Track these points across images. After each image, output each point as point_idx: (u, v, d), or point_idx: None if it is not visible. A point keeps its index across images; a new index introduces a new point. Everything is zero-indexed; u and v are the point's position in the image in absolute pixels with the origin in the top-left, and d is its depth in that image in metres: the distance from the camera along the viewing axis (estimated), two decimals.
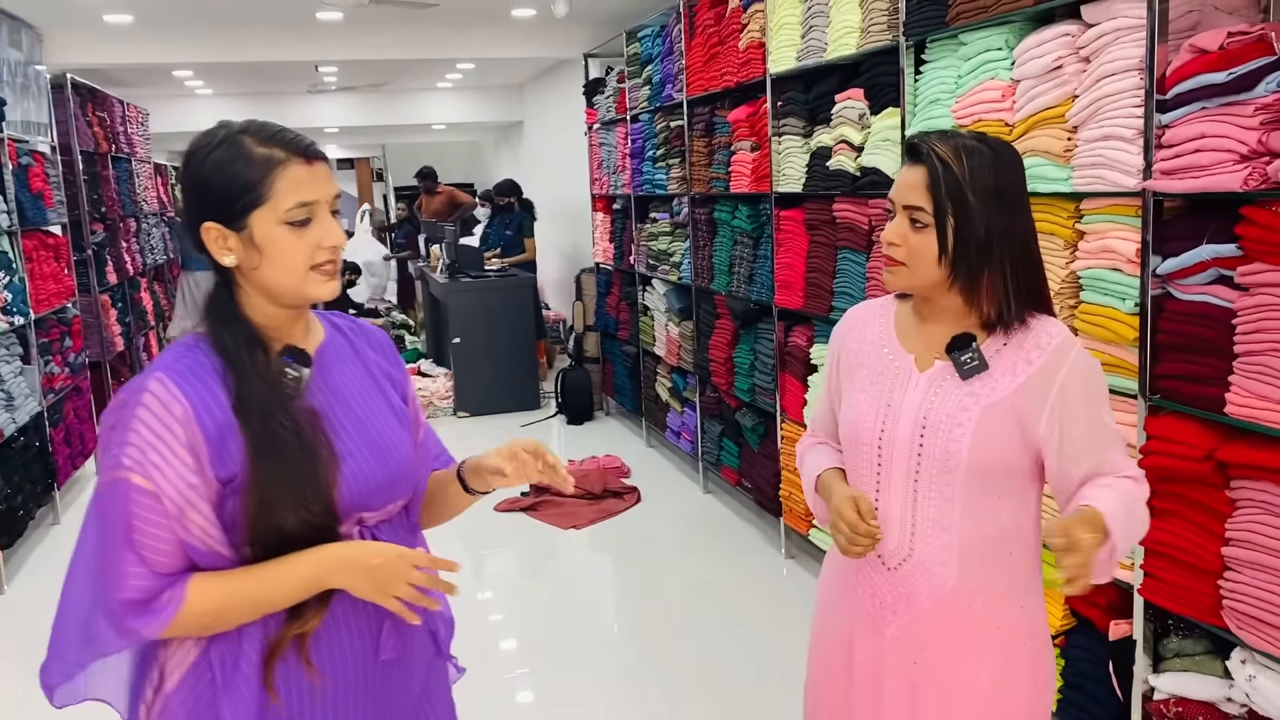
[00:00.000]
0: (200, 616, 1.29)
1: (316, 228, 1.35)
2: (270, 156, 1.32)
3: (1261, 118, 2.12)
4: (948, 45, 3.16)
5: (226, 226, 1.33)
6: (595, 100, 7.27)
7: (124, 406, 1.28)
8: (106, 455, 1.28)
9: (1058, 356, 1.58)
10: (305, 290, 1.36)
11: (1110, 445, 1.62)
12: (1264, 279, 2.13)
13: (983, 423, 1.58)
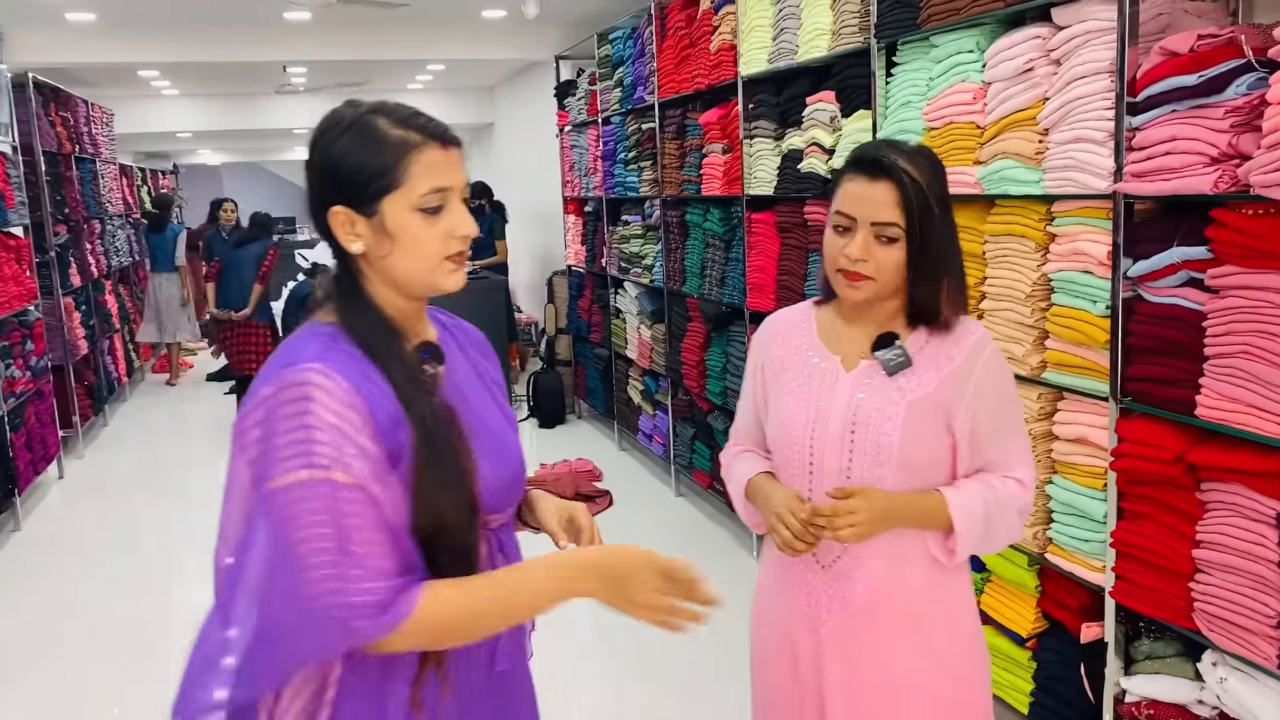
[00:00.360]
0: (435, 628, 1.21)
1: (449, 216, 1.28)
2: (406, 139, 1.26)
3: (1231, 120, 2.12)
4: (919, 47, 3.16)
5: (356, 211, 1.26)
6: (566, 102, 7.24)
7: (285, 401, 1.17)
8: (278, 455, 1.16)
9: (976, 352, 1.68)
10: (436, 281, 1.30)
11: (1010, 442, 1.71)
12: (1234, 281, 2.14)
13: (910, 417, 1.64)
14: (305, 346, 1.24)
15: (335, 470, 1.15)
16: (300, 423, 1.16)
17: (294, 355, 1.22)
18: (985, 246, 2.89)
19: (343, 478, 1.15)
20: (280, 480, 1.16)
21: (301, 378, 1.18)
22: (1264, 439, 2.08)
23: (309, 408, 1.17)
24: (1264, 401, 2.08)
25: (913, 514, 1.65)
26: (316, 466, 1.15)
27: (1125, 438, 2.42)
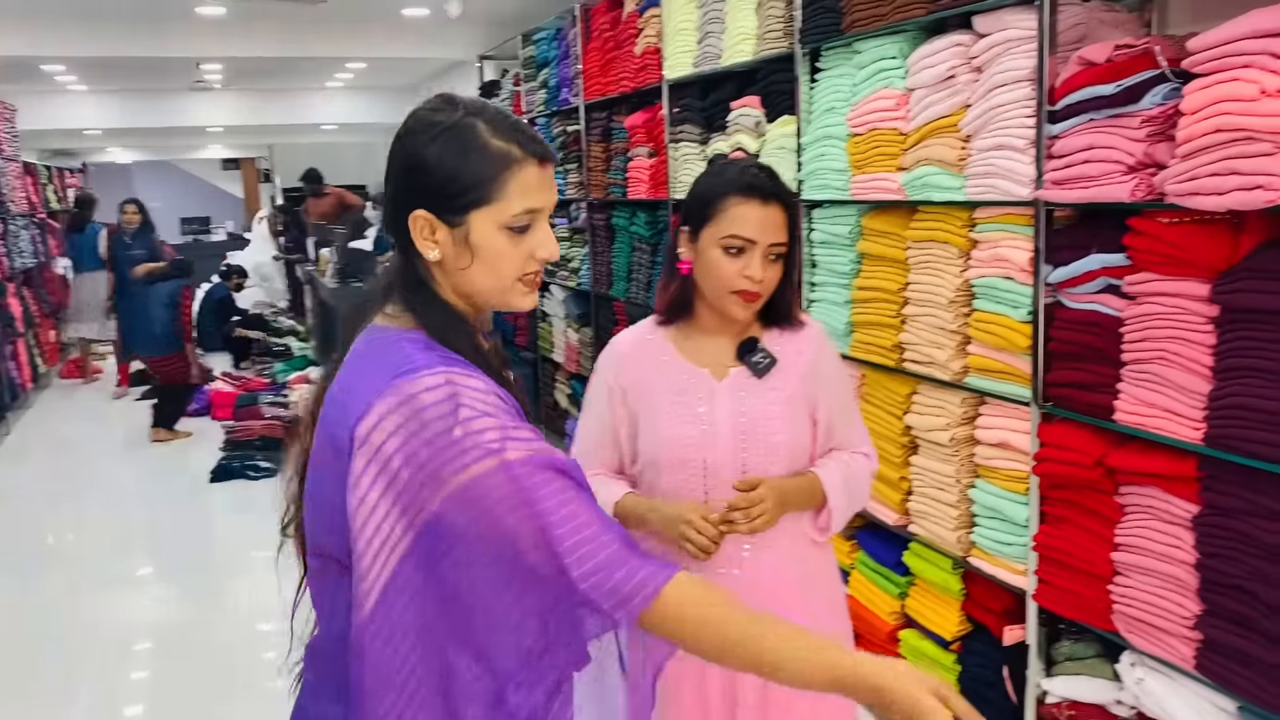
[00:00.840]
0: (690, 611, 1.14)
1: (534, 236, 1.23)
2: (507, 153, 1.19)
3: (1147, 130, 2.15)
4: (843, 53, 3.17)
5: (440, 219, 1.19)
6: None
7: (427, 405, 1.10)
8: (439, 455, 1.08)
9: (818, 343, 1.85)
10: (509, 299, 1.25)
11: (853, 423, 1.90)
12: (1151, 288, 2.17)
13: (789, 414, 1.78)
14: (408, 354, 1.16)
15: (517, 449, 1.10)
16: (453, 419, 1.09)
17: (404, 363, 1.14)
18: (908, 252, 2.91)
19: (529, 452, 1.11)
20: (459, 478, 1.08)
21: (435, 380, 1.11)
22: (1180, 443, 2.12)
23: (461, 403, 1.10)
24: (1179, 406, 2.12)
25: (800, 496, 1.78)
26: (505, 451, 1.09)
27: (1046, 442, 2.45)
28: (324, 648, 1.24)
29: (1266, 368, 1.94)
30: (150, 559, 5.07)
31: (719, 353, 1.81)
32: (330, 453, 1.17)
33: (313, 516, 1.24)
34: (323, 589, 1.24)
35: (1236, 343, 2.01)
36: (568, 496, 1.11)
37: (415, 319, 1.22)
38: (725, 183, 1.74)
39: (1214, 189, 1.96)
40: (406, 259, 1.25)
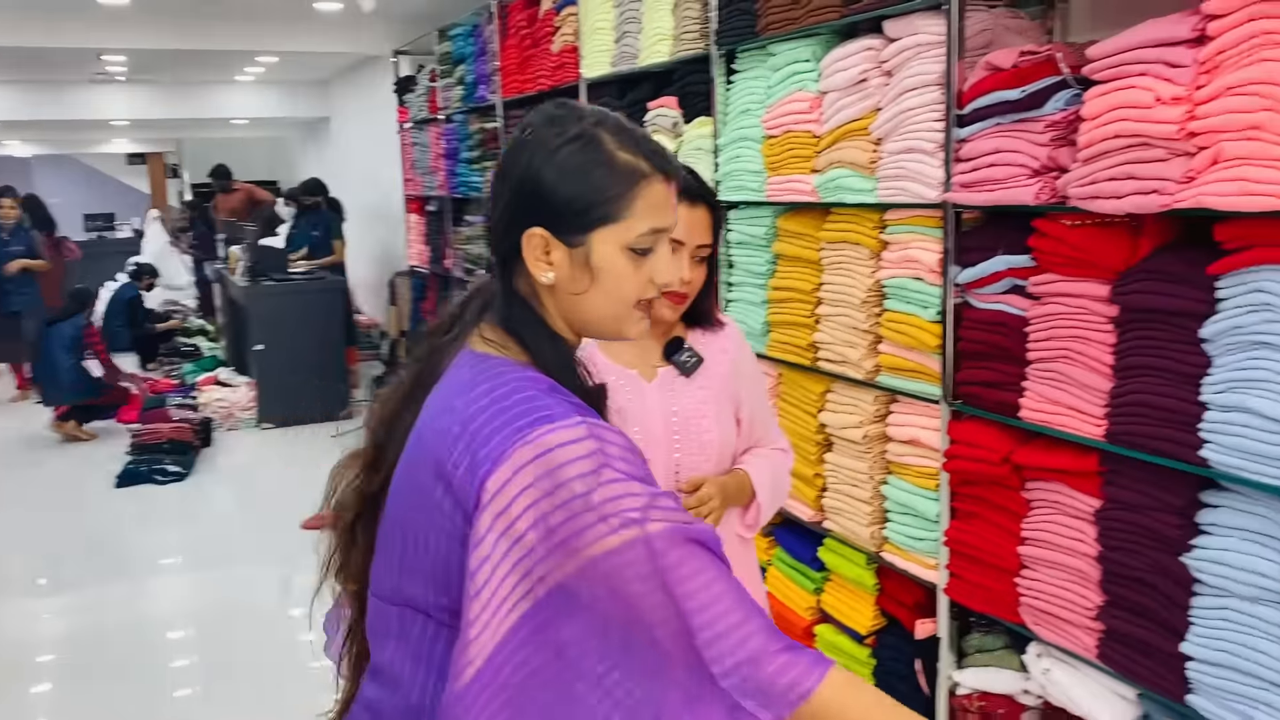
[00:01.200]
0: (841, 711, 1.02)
1: (656, 259, 1.14)
2: (635, 168, 1.10)
3: (1051, 134, 2.21)
4: (758, 55, 3.19)
5: (558, 237, 1.10)
6: (407, 99, 7.05)
7: (565, 462, 0.99)
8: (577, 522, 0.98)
9: (737, 342, 1.89)
10: (623, 327, 1.16)
11: (771, 419, 1.95)
12: (1054, 289, 2.23)
13: (717, 412, 1.81)
14: (537, 398, 1.05)
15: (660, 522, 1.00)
16: (600, 479, 0.99)
17: (534, 410, 1.03)
18: (821, 253, 2.94)
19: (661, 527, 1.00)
20: (597, 549, 0.98)
21: (577, 434, 1.01)
22: (1082, 439, 2.18)
23: (604, 464, 1.00)
24: (1081, 404, 2.18)
25: (737, 493, 1.81)
26: (647, 523, 0.99)
27: (956, 439, 2.50)
28: (402, 705, 1.11)
29: (1163, 366, 2.01)
30: (52, 568, 4.88)
31: (645, 353, 1.83)
32: (434, 492, 1.06)
33: (397, 562, 1.11)
34: (404, 643, 1.11)
35: (1135, 342, 2.07)
36: (709, 577, 1.01)
37: (525, 351, 1.13)
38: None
39: (1112, 193, 2.02)
40: (506, 278, 1.15)
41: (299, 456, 6.49)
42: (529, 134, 1.12)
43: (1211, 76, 1.87)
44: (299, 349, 7.14)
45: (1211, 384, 1.92)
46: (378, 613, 1.15)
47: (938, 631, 2.66)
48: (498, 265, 1.16)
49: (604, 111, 1.15)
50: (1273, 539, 1.87)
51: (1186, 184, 1.90)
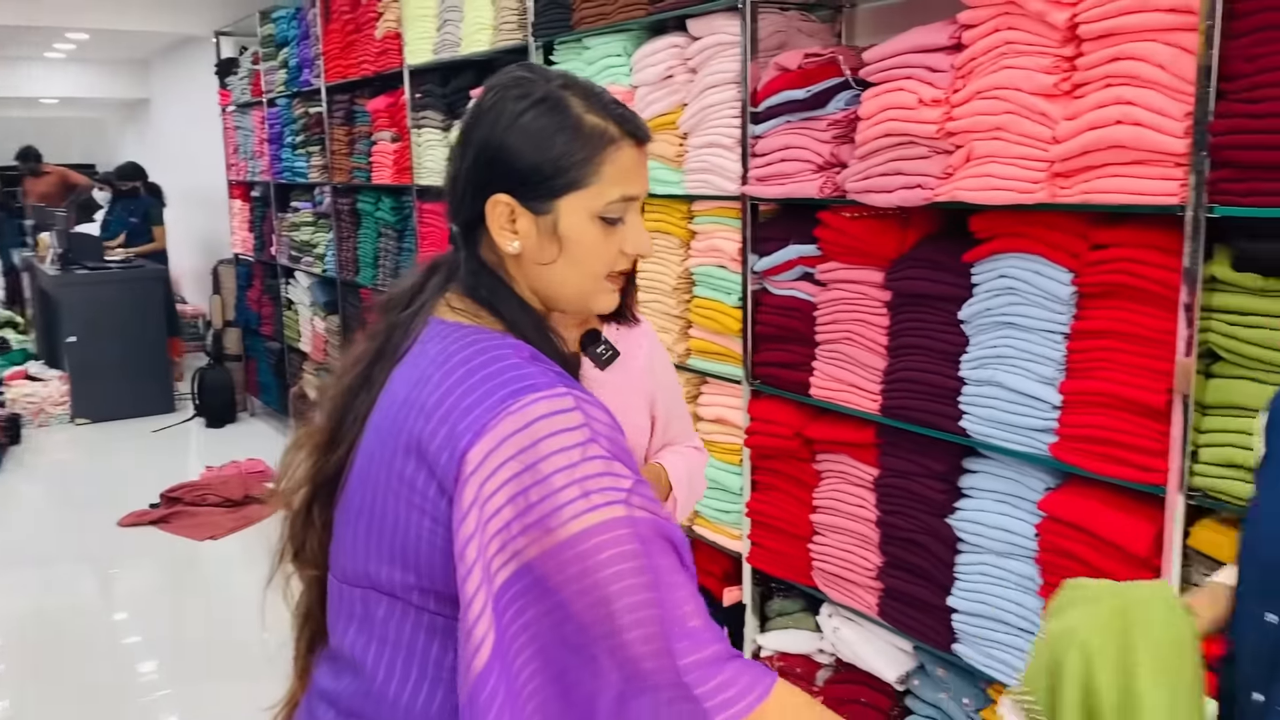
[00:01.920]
0: None
1: (627, 229, 1.10)
2: (604, 132, 1.06)
3: (833, 132, 2.38)
4: (574, 48, 3.28)
5: (524, 204, 1.06)
6: (229, 81, 6.84)
7: (552, 433, 0.95)
8: (555, 496, 0.94)
9: (653, 341, 1.84)
10: (591, 300, 1.13)
11: (685, 418, 1.92)
12: (837, 276, 2.41)
13: (632, 406, 1.76)
14: (519, 366, 1.01)
15: (637, 506, 0.97)
16: (585, 454, 0.95)
17: (520, 379, 0.99)
18: None
19: (641, 514, 0.97)
20: (575, 526, 0.93)
21: (567, 404, 0.97)
22: (862, 414, 2.37)
23: (590, 435, 0.97)
24: (862, 381, 2.37)
25: (654, 488, 1.75)
26: (627, 504, 0.95)
27: (755, 417, 2.66)
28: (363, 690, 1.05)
29: (928, 345, 2.21)
30: None
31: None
32: (405, 468, 1.01)
33: (362, 542, 1.05)
34: (367, 626, 1.06)
35: (905, 324, 2.26)
36: (679, 579, 0.98)
37: (498, 320, 1.09)
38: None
39: (883, 187, 2.20)
40: (469, 247, 1.11)
41: (116, 453, 6.23)
42: (491, 97, 1.08)
43: (965, 81, 2.06)
44: (116, 341, 6.83)
45: (968, 361, 2.13)
46: (338, 596, 1.09)
47: (743, 598, 2.82)
48: (461, 235, 1.12)
49: (570, 75, 1.11)
50: (1021, 499, 2.09)
51: (945, 179, 2.09)
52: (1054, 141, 1.89)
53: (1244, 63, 1.64)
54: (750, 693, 0.96)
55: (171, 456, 6.12)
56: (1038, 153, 1.92)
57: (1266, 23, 1.61)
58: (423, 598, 1.02)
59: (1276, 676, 1.16)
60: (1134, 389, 1.83)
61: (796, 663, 2.68)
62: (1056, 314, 1.96)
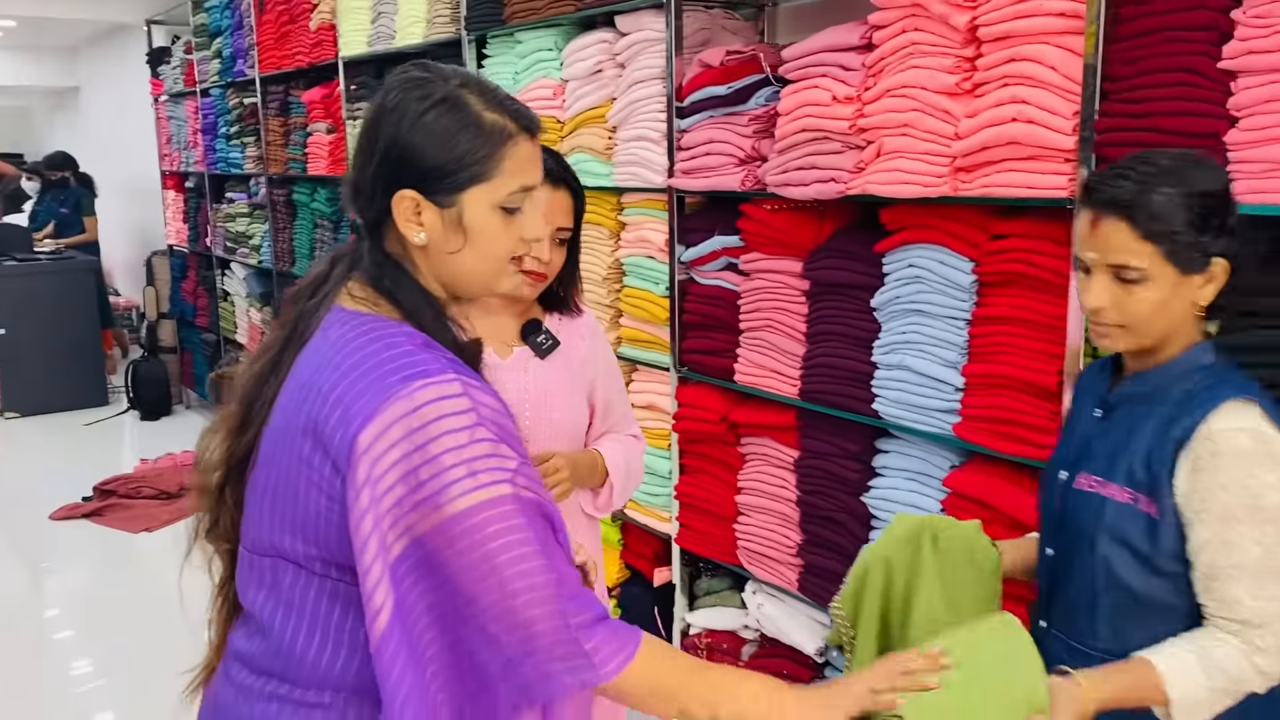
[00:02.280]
0: (653, 678, 1.10)
1: (526, 216, 1.16)
2: (503, 128, 1.12)
3: (754, 127, 2.47)
4: (506, 42, 3.34)
5: (430, 199, 1.11)
6: (161, 70, 6.75)
7: (441, 416, 1.02)
8: (450, 477, 1.01)
9: (595, 332, 1.92)
10: (496, 284, 1.18)
11: (625, 407, 1.98)
12: (759, 266, 2.50)
13: (570, 393, 1.84)
14: (412, 353, 1.07)
15: (520, 485, 1.04)
16: (470, 437, 1.02)
17: (412, 365, 1.05)
18: None
19: (526, 494, 1.04)
20: (453, 506, 1.01)
21: (454, 389, 1.04)
22: (783, 398, 2.47)
23: (478, 419, 1.03)
24: (782, 367, 2.47)
25: (587, 471, 1.83)
26: (501, 484, 1.02)
27: (683, 403, 2.75)
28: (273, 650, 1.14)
29: (843, 332, 2.31)
30: None
31: (502, 331, 1.83)
32: (303, 448, 1.07)
33: (268, 516, 1.12)
34: (275, 592, 1.13)
35: (822, 311, 2.37)
36: (559, 553, 1.07)
37: (397, 309, 1.14)
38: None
39: (800, 181, 2.30)
40: (374, 240, 1.16)
41: (47, 447, 6.15)
42: (392, 98, 1.13)
43: (876, 79, 2.16)
44: (47, 333, 6.72)
45: (880, 346, 2.24)
46: (248, 565, 1.16)
47: (672, 578, 2.91)
48: (366, 228, 1.17)
49: (465, 72, 1.16)
50: (929, 477, 2.21)
51: (857, 173, 2.19)
52: (956, 138, 1.99)
53: (1124, 65, 1.76)
54: (620, 652, 1.07)
55: (105, 450, 6.06)
56: (941, 148, 2.03)
57: (1145, 28, 1.73)
58: (324, 567, 1.09)
59: (1053, 603, 1.37)
60: (1029, 371, 1.95)
61: (723, 639, 2.78)
62: (959, 301, 2.07)
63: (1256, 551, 1.22)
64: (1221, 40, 1.63)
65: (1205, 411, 1.26)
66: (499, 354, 1.83)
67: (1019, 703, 1.20)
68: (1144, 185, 1.26)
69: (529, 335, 1.84)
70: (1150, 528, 1.29)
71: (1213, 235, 1.26)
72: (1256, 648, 1.22)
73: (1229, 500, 1.23)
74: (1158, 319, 1.29)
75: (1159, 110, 1.70)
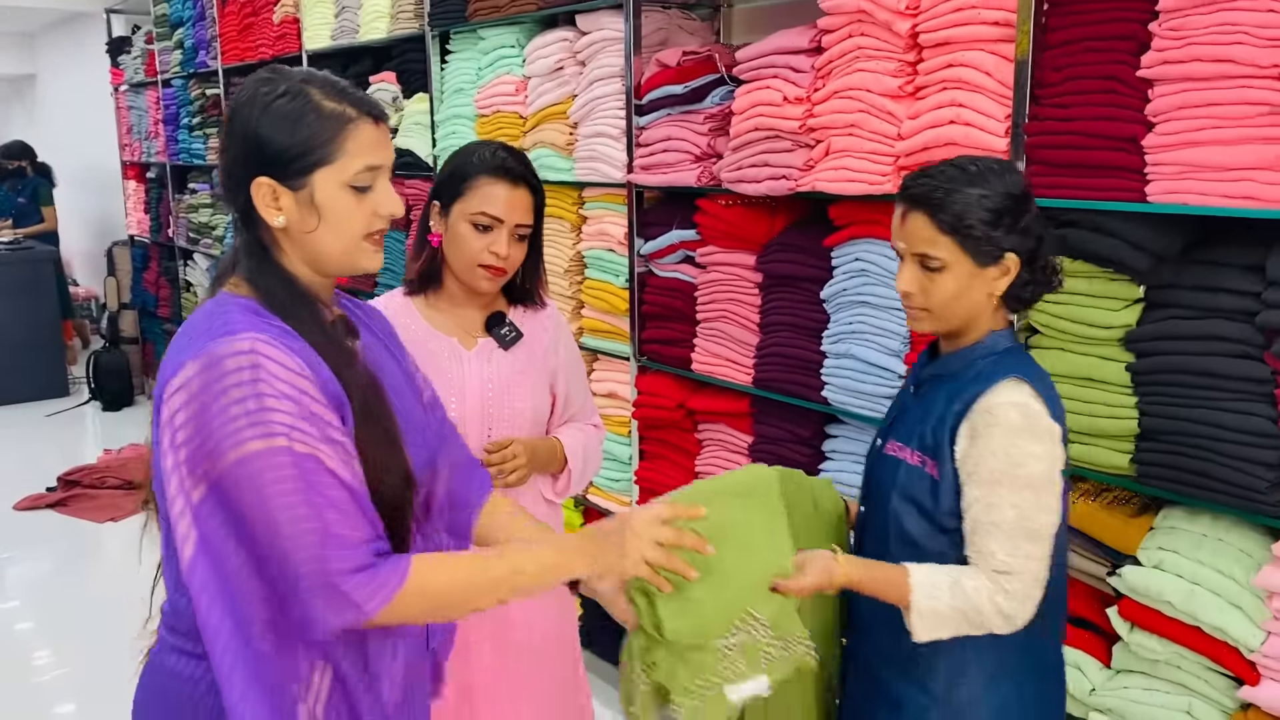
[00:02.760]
0: (424, 598, 1.20)
1: (377, 194, 1.26)
2: (342, 113, 1.22)
3: (710, 125, 2.57)
4: (469, 38, 3.40)
5: (283, 184, 1.22)
6: (121, 60, 6.73)
7: (227, 372, 1.13)
8: (227, 425, 1.12)
9: (559, 325, 2.01)
10: (356, 260, 1.28)
11: (586, 397, 2.07)
12: (715, 259, 2.60)
13: (531, 383, 1.92)
14: (231, 318, 1.18)
15: (295, 439, 1.13)
16: (252, 391, 1.13)
17: (222, 327, 1.17)
18: None
19: (301, 447, 1.14)
20: (233, 455, 1.12)
21: (244, 346, 1.14)
22: (737, 386, 2.58)
23: (260, 375, 1.13)
24: (737, 356, 2.57)
25: (547, 458, 1.92)
26: (275, 435, 1.12)
27: (642, 391, 2.85)
28: (170, 608, 1.29)
29: (794, 322, 2.42)
30: None
31: (467, 323, 1.90)
32: (154, 417, 1.20)
33: (157, 479, 1.24)
34: (166, 548, 1.25)
35: (775, 303, 2.47)
36: (335, 499, 1.16)
37: (253, 287, 1.25)
38: (478, 162, 1.83)
39: (753, 178, 2.40)
40: (249, 230, 1.26)
41: (9, 438, 6.13)
42: (245, 95, 1.25)
43: (824, 81, 2.26)
44: (7, 324, 6.70)
45: (829, 336, 2.34)
46: (161, 527, 1.28)
47: None
48: (239, 219, 1.28)
49: (312, 71, 1.28)
50: None
51: (807, 171, 2.30)
52: (899, 138, 2.10)
53: (1053, 71, 1.87)
54: (380, 592, 1.16)
55: (67, 441, 6.06)
56: (885, 148, 2.14)
57: (1072, 37, 1.84)
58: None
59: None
60: None
61: None
62: None
63: (1012, 514, 1.40)
64: (1140, 50, 1.74)
65: (985, 387, 1.44)
66: (464, 345, 1.90)
67: (769, 565, 1.39)
68: (946, 185, 1.43)
69: (493, 327, 1.92)
70: (933, 488, 1.48)
71: (1004, 232, 1.43)
72: (1004, 590, 1.39)
73: (995, 465, 1.41)
74: (956, 305, 1.46)
75: (1084, 115, 1.81)
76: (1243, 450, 1.66)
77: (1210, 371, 1.70)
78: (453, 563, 1.27)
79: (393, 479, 1.26)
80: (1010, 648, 1.48)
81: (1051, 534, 1.42)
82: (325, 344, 1.23)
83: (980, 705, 1.50)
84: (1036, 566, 1.40)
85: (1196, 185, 1.68)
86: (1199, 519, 1.77)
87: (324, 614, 1.15)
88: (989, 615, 1.40)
